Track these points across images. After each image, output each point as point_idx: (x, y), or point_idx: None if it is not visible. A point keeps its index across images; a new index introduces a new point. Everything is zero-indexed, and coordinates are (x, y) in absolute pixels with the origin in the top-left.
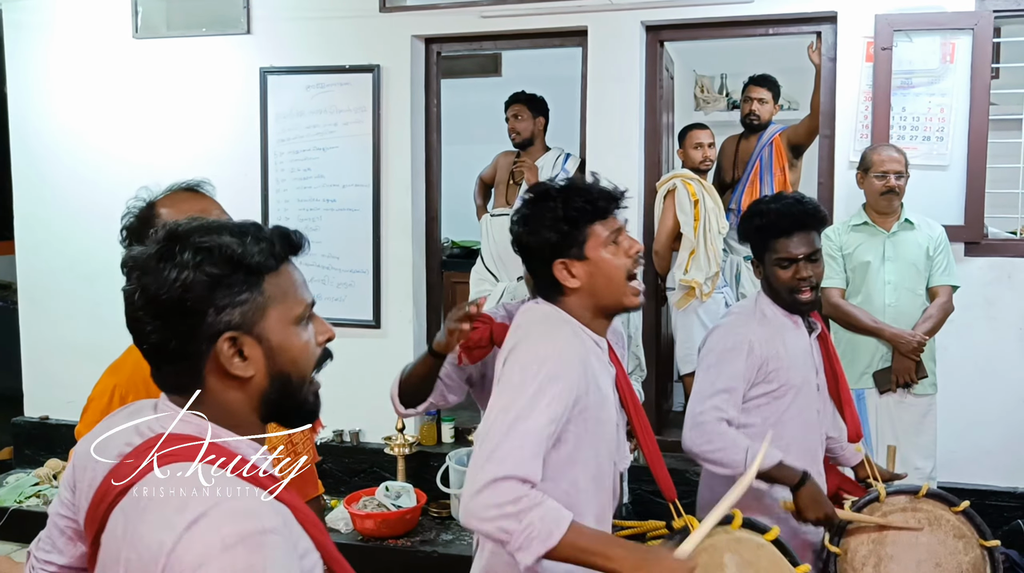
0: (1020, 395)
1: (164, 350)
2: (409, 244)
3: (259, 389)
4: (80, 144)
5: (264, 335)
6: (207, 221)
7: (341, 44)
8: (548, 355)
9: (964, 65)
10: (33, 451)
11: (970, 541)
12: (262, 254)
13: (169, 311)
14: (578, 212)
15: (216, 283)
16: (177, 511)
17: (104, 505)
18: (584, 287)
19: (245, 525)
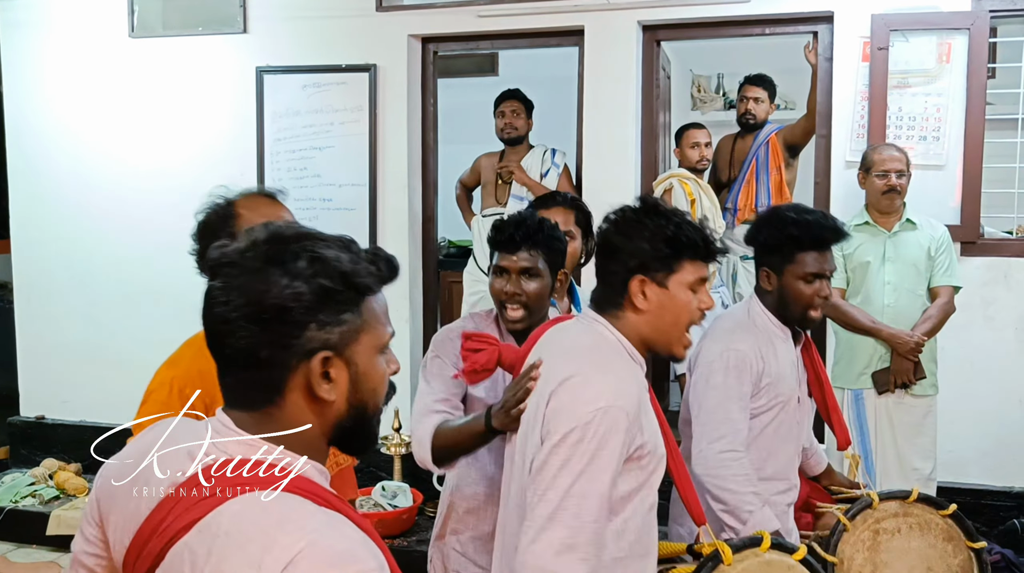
0: (1016, 395)
1: (250, 358)
2: (406, 244)
3: (337, 415)
4: (76, 143)
5: (353, 360)
6: (308, 229)
7: (337, 43)
8: (608, 402)
9: (960, 65)
10: (29, 451)
11: (959, 543)
12: (370, 275)
13: (271, 318)
14: (685, 242)
15: (326, 297)
16: (265, 549)
17: (162, 539)
18: (649, 314)
19: (347, 569)
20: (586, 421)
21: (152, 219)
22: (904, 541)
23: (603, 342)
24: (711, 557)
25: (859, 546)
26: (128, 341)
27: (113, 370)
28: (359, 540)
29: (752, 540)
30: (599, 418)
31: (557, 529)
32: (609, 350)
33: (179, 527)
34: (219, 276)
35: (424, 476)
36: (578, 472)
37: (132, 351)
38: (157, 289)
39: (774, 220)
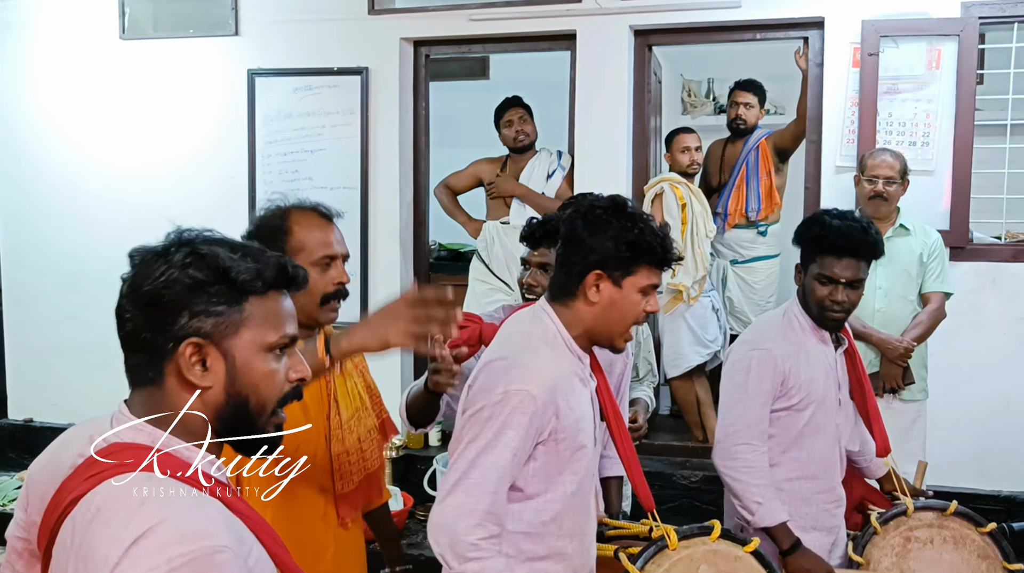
0: (1004, 399)
1: (135, 340)
2: (397, 247)
3: (215, 403)
4: (66, 145)
5: (231, 352)
6: (216, 234)
7: (329, 46)
8: (516, 386)
9: (950, 71)
10: (17, 454)
11: (994, 563)
12: (250, 273)
13: (147, 303)
14: (646, 247)
15: (196, 287)
16: (124, 525)
17: (55, 516)
18: (599, 307)
19: (193, 545)
20: (496, 401)
21: (142, 221)
22: (936, 552)
23: (538, 330)
24: (657, 541)
25: (887, 550)
26: (117, 344)
27: (102, 373)
28: (218, 520)
29: (702, 528)
30: (506, 399)
31: (459, 494)
32: (540, 338)
33: (66, 503)
34: (130, 264)
35: (415, 480)
36: (483, 446)
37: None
38: None
39: (812, 218)
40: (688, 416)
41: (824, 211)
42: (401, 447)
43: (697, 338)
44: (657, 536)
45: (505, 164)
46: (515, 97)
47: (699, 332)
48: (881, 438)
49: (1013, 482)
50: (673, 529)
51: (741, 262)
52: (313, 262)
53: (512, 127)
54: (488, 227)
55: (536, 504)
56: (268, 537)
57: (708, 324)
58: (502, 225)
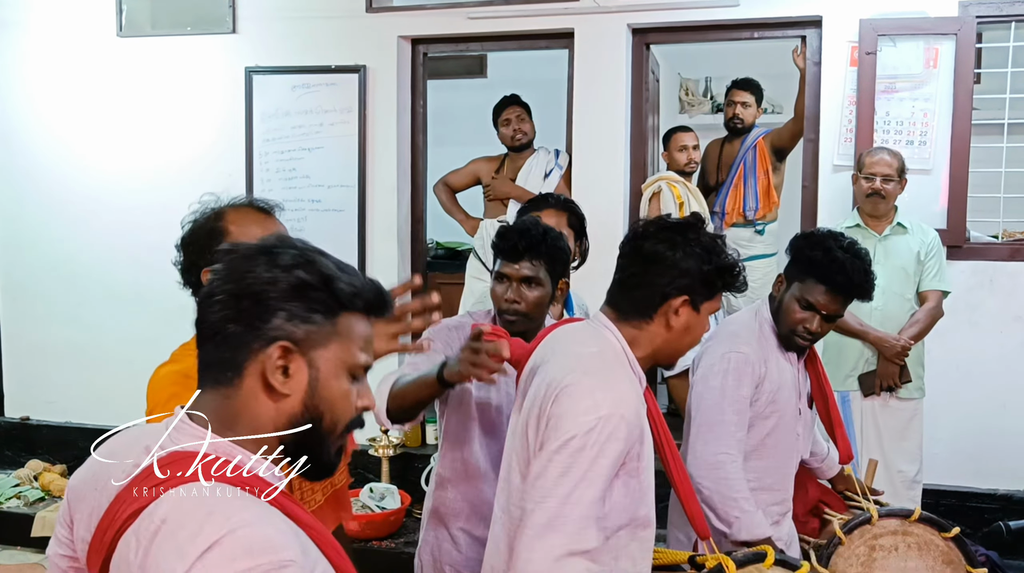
0: (1001, 398)
1: (220, 332)
2: (395, 245)
3: (291, 414)
4: (62, 143)
5: (316, 363)
6: (318, 248)
7: (327, 44)
8: (609, 410)
9: (947, 70)
10: (14, 452)
11: (958, 568)
12: (352, 288)
13: (244, 297)
14: (730, 277)
15: (300, 289)
16: (191, 537)
17: (113, 530)
18: (675, 331)
19: (260, 558)
20: (587, 429)
21: (138, 220)
22: (900, 560)
23: (608, 350)
24: (714, 570)
25: (853, 561)
26: (113, 342)
27: (98, 371)
28: (285, 531)
29: (756, 555)
30: (600, 426)
31: (556, 536)
32: (613, 358)
33: (126, 516)
34: (221, 262)
35: (412, 478)
36: (578, 479)
37: (117, 352)
38: (143, 290)
39: (818, 239)
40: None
41: (831, 235)
42: (399, 445)
43: None
44: (712, 565)
45: (503, 163)
46: (513, 96)
47: None
48: (844, 447)
49: (1010, 481)
50: (730, 559)
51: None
52: None
53: (510, 126)
54: (485, 225)
55: (612, 541)
56: (331, 549)
57: None
58: (499, 223)
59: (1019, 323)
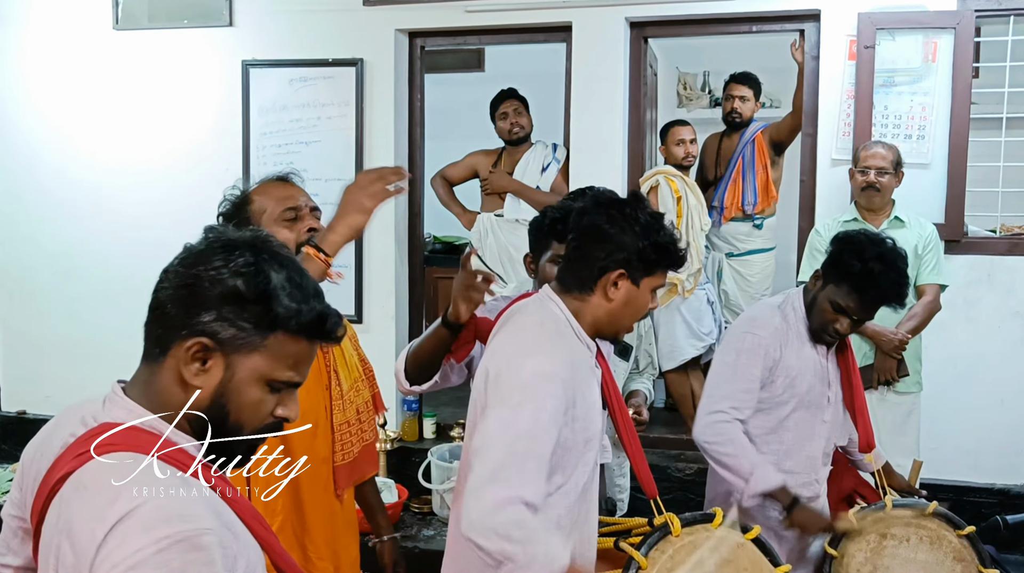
0: (999, 393)
1: (161, 308)
2: (392, 240)
3: (197, 405)
4: (58, 136)
5: (233, 367)
6: (291, 257)
7: (324, 37)
8: (544, 372)
9: (946, 64)
10: (10, 446)
11: (969, 566)
12: (287, 311)
13: (187, 285)
14: (670, 254)
15: (234, 298)
16: (109, 503)
17: (46, 493)
18: (615, 304)
19: (178, 526)
20: (523, 384)
21: (135, 213)
22: (911, 551)
23: (548, 319)
24: (660, 528)
25: (862, 545)
26: (110, 336)
27: (95, 365)
28: (202, 502)
29: (705, 516)
30: (536, 380)
31: (498, 486)
32: (553, 327)
33: (55, 480)
34: (200, 239)
35: (410, 473)
36: (518, 432)
37: (114, 346)
38: (140, 284)
39: (856, 245)
40: (683, 409)
41: (871, 241)
42: (396, 440)
43: (692, 331)
44: (660, 523)
45: (500, 156)
46: (510, 89)
47: (694, 325)
48: (865, 435)
49: (1007, 475)
50: (676, 516)
51: (736, 255)
52: (277, 219)
53: (507, 119)
54: (482, 219)
55: (553, 498)
56: (255, 521)
57: (703, 317)
58: (496, 217)
59: (1017, 318)
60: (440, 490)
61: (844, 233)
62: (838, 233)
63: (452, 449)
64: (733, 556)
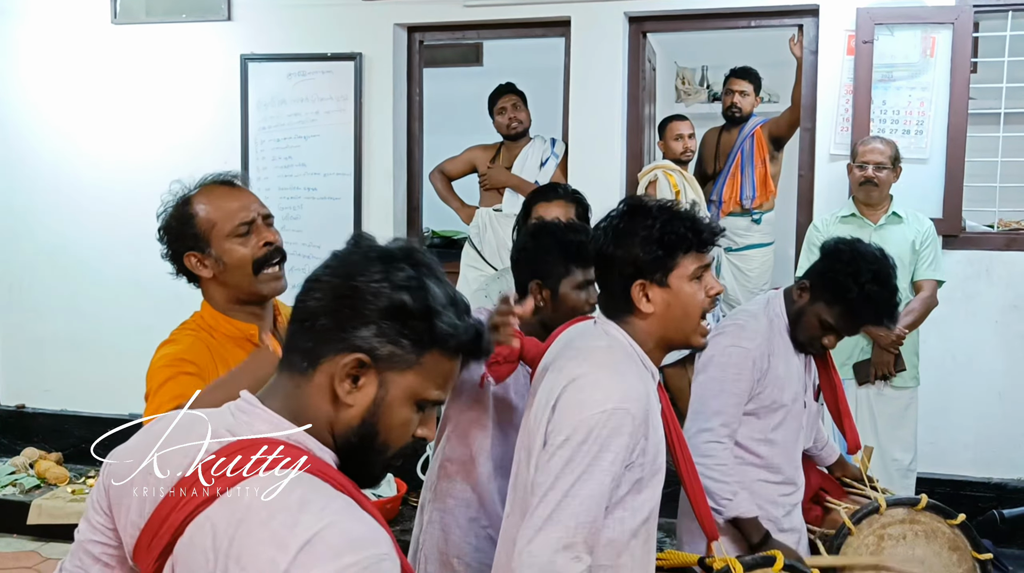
0: (996, 387)
1: (311, 319)
2: (390, 234)
3: (347, 424)
4: (57, 131)
5: (387, 385)
6: (438, 266)
7: (323, 32)
8: (615, 404)
9: (944, 59)
10: (9, 440)
11: (964, 554)
12: (451, 329)
13: (346, 296)
14: (677, 238)
15: (399, 312)
16: (288, 528)
17: (181, 515)
18: (657, 315)
19: (363, 552)
20: (591, 423)
21: (134, 208)
22: (909, 548)
23: (616, 345)
24: (722, 572)
25: (862, 550)
26: (110, 330)
27: (94, 359)
28: (374, 525)
29: (765, 559)
30: (604, 420)
31: (556, 529)
32: (621, 353)
33: (200, 501)
34: (348, 247)
35: (408, 466)
36: (580, 473)
37: (114, 340)
38: (139, 278)
39: (848, 259)
40: (681, 404)
41: (863, 258)
42: None
43: None
44: (720, 567)
45: (499, 151)
46: (508, 84)
47: None
48: (852, 436)
49: (1005, 469)
50: (737, 560)
51: (735, 250)
52: (229, 235)
53: (505, 114)
54: (481, 214)
55: (612, 531)
56: (396, 545)
57: None
58: (495, 212)
59: (1015, 312)
60: None
61: (833, 246)
62: (826, 244)
63: None
64: None
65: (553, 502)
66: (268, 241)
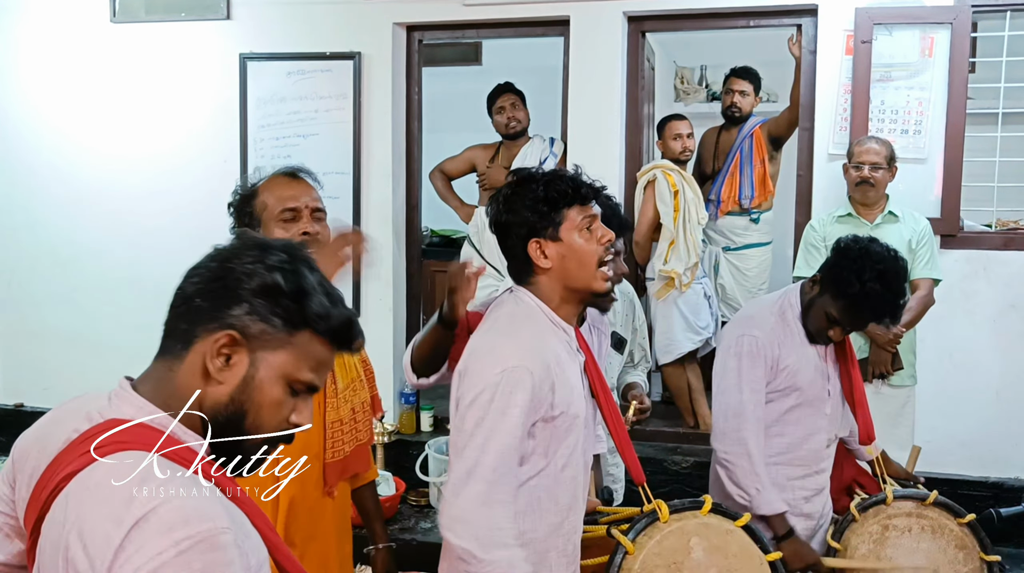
0: (994, 387)
1: (188, 300)
2: (389, 232)
3: (216, 402)
4: (56, 129)
5: (257, 363)
6: (314, 265)
7: (322, 30)
8: (513, 363)
9: (942, 59)
10: (8, 438)
11: (971, 553)
12: (322, 309)
13: (220, 277)
14: (558, 194)
15: (270, 291)
16: (125, 504)
17: (48, 490)
18: (555, 268)
19: (198, 526)
20: (494, 381)
21: (133, 205)
22: (913, 541)
23: (519, 310)
24: (648, 514)
25: (865, 537)
26: (109, 328)
27: (94, 357)
28: (216, 501)
29: (694, 502)
30: (504, 378)
31: (477, 483)
32: (523, 316)
33: (60, 477)
34: (230, 241)
35: (407, 465)
36: (490, 429)
37: (113, 338)
38: (138, 275)
39: (855, 257)
40: (679, 402)
41: (870, 257)
42: (393, 433)
43: (689, 325)
44: (648, 510)
45: (498, 151)
46: (507, 83)
47: (691, 319)
48: (865, 427)
49: (1002, 468)
50: (664, 503)
51: (733, 249)
52: (275, 218)
53: (504, 113)
54: (480, 213)
55: (533, 481)
56: (260, 520)
57: (700, 311)
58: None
59: (1013, 311)
60: (437, 483)
61: (845, 242)
62: (839, 240)
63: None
64: (722, 542)
65: (471, 458)
66: (307, 231)
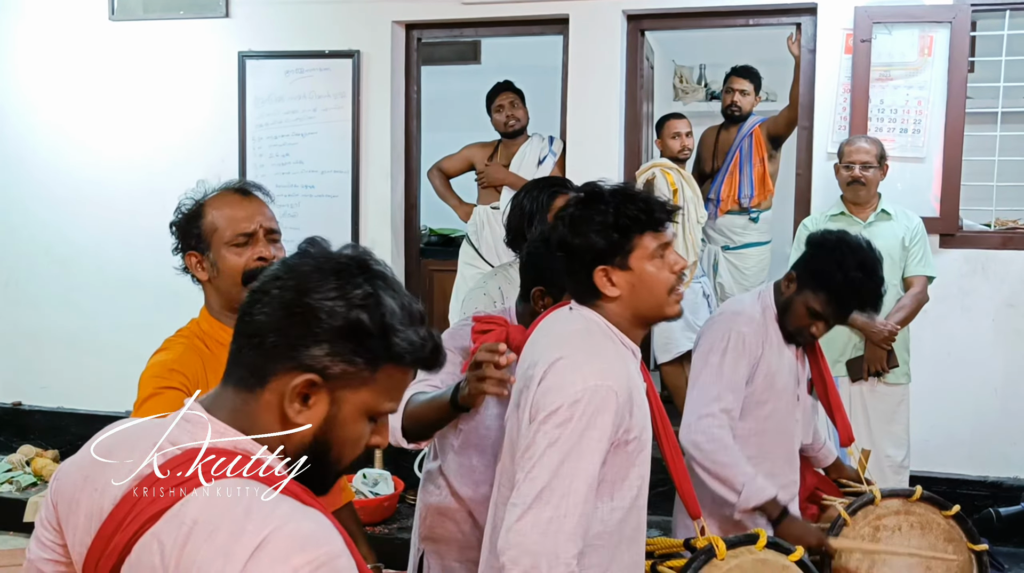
0: (993, 386)
1: (259, 334)
2: (388, 231)
3: (298, 442)
4: (54, 127)
5: (340, 402)
6: (392, 275)
7: (321, 29)
8: (597, 382)
9: (942, 58)
10: (6, 437)
11: (959, 545)
12: (408, 346)
13: (298, 313)
14: (630, 220)
15: (354, 332)
16: (234, 537)
17: (128, 533)
18: (623, 297)
19: (314, 552)
20: (574, 400)
21: (131, 205)
22: (904, 539)
23: (593, 327)
24: (704, 551)
25: (858, 540)
26: (107, 327)
27: (91, 356)
28: (324, 524)
29: (748, 537)
30: (588, 397)
31: (544, 508)
32: (599, 334)
33: (145, 518)
34: (298, 256)
35: (406, 464)
36: (566, 451)
37: (111, 337)
38: (136, 275)
39: (831, 246)
40: (678, 401)
41: (848, 246)
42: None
43: (688, 324)
44: (703, 546)
45: (497, 149)
46: (506, 82)
47: (690, 318)
48: (844, 429)
49: (1001, 467)
50: (720, 538)
51: (732, 248)
52: (227, 242)
53: (503, 112)
54: (478, 211)
55: (602, 513)
56: (351, 545)
57: (699, 310)
58: (492, 210)
59: (1011, 310)
60: None
61: (819, 236)
62: (812, 235)
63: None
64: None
65: (541, 482)
66: (262, 256)
